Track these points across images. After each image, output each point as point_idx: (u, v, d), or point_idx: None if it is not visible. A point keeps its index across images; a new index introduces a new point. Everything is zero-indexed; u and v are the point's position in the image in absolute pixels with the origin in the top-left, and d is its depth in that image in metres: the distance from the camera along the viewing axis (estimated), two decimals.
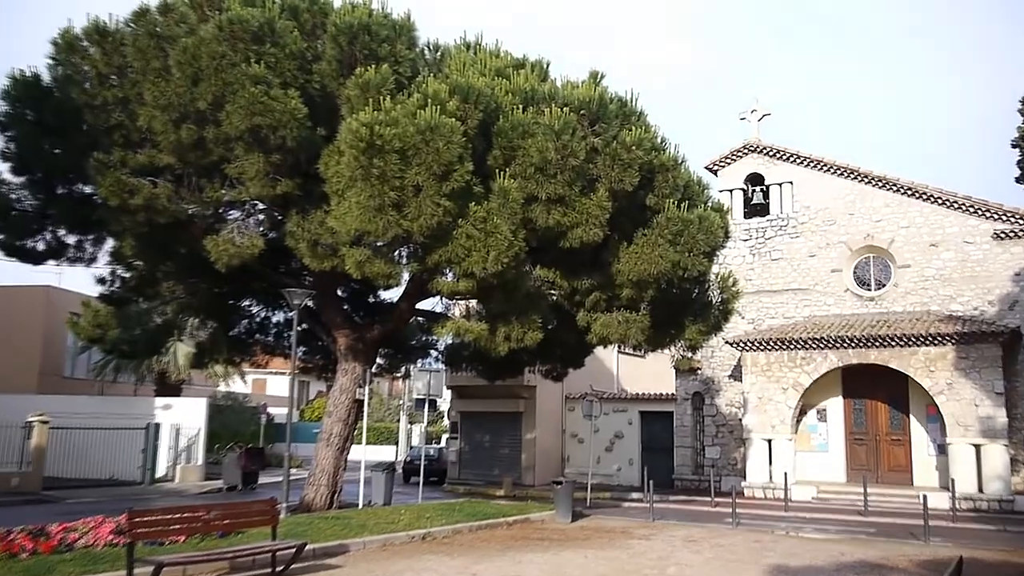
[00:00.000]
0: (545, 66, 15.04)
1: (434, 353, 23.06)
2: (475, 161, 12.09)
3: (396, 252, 13.31)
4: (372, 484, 18.98)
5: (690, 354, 21.71)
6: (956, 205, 23.69)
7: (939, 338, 21.66)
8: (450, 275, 13.90)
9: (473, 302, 16.77)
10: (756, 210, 27.33)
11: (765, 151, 27.13)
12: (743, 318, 25.58)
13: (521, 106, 12.79)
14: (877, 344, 22.43)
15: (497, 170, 12.66)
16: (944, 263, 23.66)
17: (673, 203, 14.45)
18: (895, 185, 24.82)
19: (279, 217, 14.75)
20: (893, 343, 22.18)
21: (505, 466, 28.43)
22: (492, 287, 13.50)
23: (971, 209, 23.50)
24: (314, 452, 17.08)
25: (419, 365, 22.76)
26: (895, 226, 24.60)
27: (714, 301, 18.19)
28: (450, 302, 19.16)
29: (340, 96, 12.46)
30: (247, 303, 20.78)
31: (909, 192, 24.55)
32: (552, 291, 16.75)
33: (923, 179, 24.65)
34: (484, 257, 12.32)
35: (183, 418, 26.56)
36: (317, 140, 12.53)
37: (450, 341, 20.97)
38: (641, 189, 14.27)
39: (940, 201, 23.96)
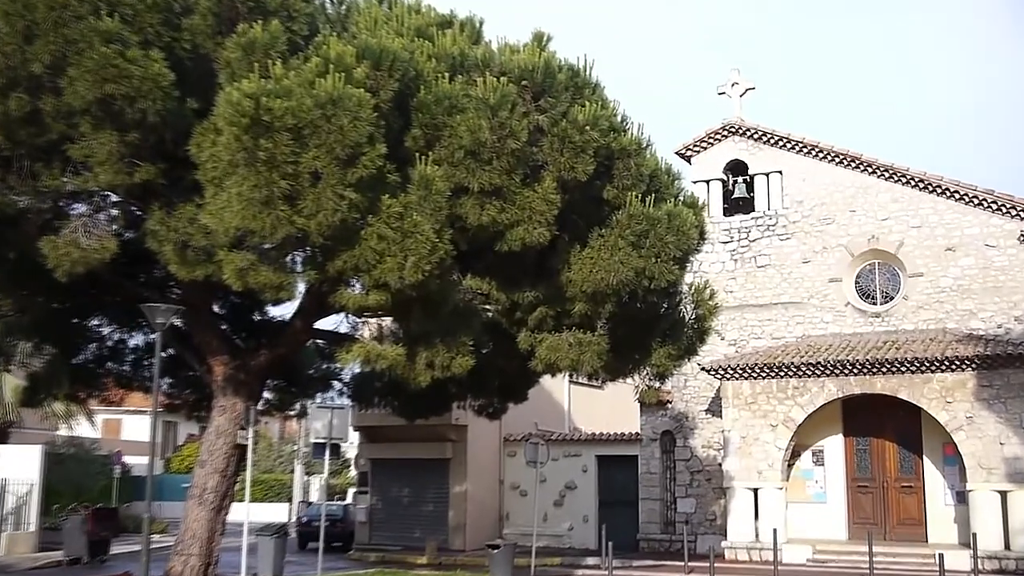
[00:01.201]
0: (478, 25, 15.14)
1: (337, 385, 22.89)
2: (389, 143, 12.08)
3: (289, 257, 13.19)
4: (258, 552, 18.71)
5: (658, 384, 22.00)
6: (977, 201, 24.56)
7: (957, 362, 22.38)
8: (358, 286, 13.85)
9: (387, 320, 16.71)
10: (738, 205, 27.93)
11: (748, 133, 27.75)
12: (722, 339, 26.06)
13: (448, 74, 12.85)
14: (884, 370, 23.06)
15: (417, 154, 12.67)
16: (962, 271, 24.49)
17: (636, 196, 14.64)
18: (904, 177, 25.63)
19: (138, 212, 14.50)
20: (903, 368, 22.84)
21: (428, 527, 28.33)
22: (411, 301, 13.49)
23: (994, 206, 24.39)
24: (183, 512, 16.77)
25: (318, 400, 22.55)
26: (905, 226, 25.40)
27: (687, 318, 18.47)
28: (358, 320, 19.05)
29: (218, 59, 12.31)
30: (96, 322, 20.31)
31: (921, 185, 25.37)
32: (487, 306, 16.82)
33: (937, 171, 25.50)
34: (400, 263, 12.31)
35: (10, 471, 25.82)
36: (187, 115, 12.36)
37: (358, 370, 20.84)
38: (597, 179, 14.43)
39: (958, 196, 24.82)
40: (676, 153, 28.40)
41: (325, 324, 18.31)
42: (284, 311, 19.71)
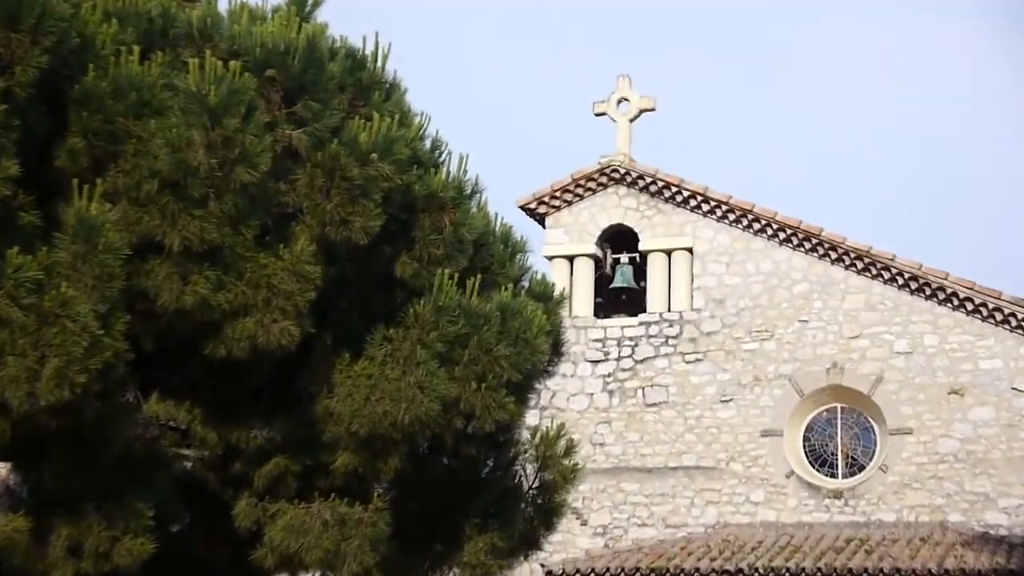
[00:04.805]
0: None
1: None
2: (27, 158, 11.86)
3: None
4: None
5: None
6: (1001, 317, 25.59)
7: None
8: None
9: (1, 467, 16.20)
10: (619, 301, 28.42)
11: (642, 183, 28.38)
12: (584, 523, 26.24)
13: (139, 49, 12.73)
14: None
15: (77, 181, 12.45)
16: (975, 429, 25.41)
17: (451, 278, 14.73)
18: (888, 270, 26.59)
19: None
20: None
21: None
22: (47, 436, 13.11)
23: None
24: None
25: None
26: (886, 350, 26.28)
27: (526, 487, 18.55)
28: None
29: None
30: None
31: (914, 286, 26.36)
32: (184, 451, 16.50)
33: (934, 264, 26.57)
34: (32, 370, 11.96)
35: None
36: None
37: None
38: (386, 243, 14.48)
39: (971, 307, 25.84)
40: (522, 208, 28.83)
41: None
42: None
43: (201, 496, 16.90)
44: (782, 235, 27.16)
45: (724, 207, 27.55)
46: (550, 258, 28.03)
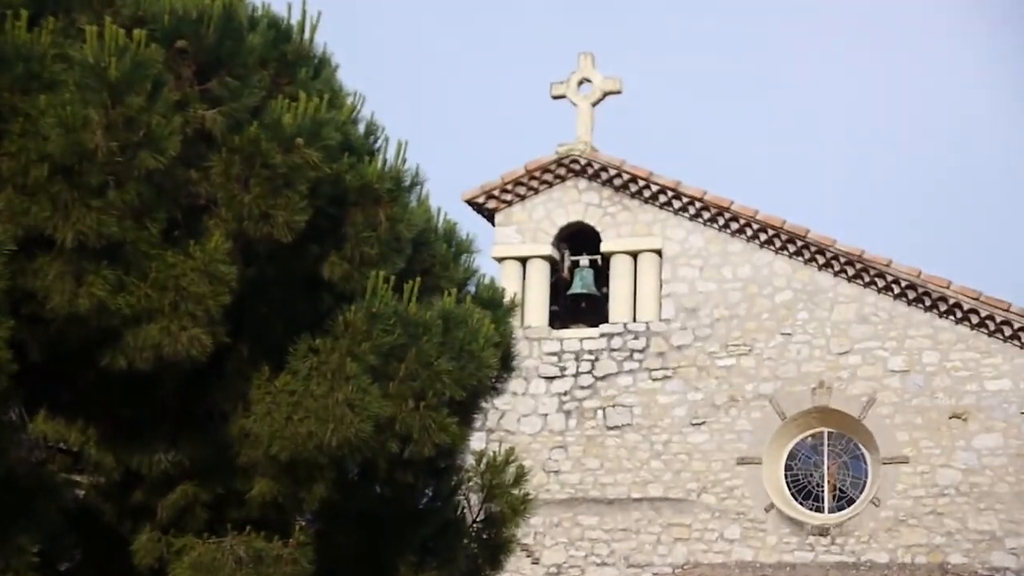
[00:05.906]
0: None
1: None
2: None
3: None
4: None
5: None
6: (1010, 331, 25.62)
7: None
8: None
9: None
10: (578, 309, 28.32)
11: (604, 176, 28.30)
12: (536, 562, 26.11)
13: (27, 13, 12.60)
14: None
15: None
16: (980, 459, 25.43)
17: (386, 281, 14.64)
18: (883, 276, 26.58)
19: None
20: None
21: None
22: None
23: None
24: None
25: None
26: (879, 368, 26.29)
27: (470, 519, 18.50)
28: None
29: None
30: None
31: (911, 294, 26.36)
32: (76, 477, 16.36)
33: (935, 271, 26.60)
34: None
35: None
36: None
37: None
38: (315, 240, 14.39)
39: (976, 320, 25.87)
40: (469, 202, 28.72)
41: None
42: None
43: (95, 529, 16.72)
44: (763, 236, 27.05)
45: (698, 204, 27.42)
46: (500, 259, 27.87)
